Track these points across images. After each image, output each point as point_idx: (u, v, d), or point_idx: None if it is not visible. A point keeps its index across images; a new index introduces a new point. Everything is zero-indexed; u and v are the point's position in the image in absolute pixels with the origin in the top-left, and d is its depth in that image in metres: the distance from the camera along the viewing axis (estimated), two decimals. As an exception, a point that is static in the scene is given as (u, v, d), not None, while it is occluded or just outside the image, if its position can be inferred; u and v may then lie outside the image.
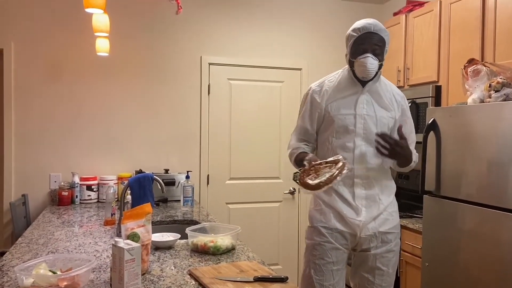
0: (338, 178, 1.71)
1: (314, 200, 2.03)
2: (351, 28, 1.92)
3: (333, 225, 1.91)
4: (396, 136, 1.86)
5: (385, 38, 1.89)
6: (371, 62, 1.85)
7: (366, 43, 1.86)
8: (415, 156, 1.99)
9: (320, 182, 1.72)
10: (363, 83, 1.94)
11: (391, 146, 1.81)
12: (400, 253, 2.84)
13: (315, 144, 2.07)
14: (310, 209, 2.04)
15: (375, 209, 1.91)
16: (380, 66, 1.91)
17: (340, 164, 1.74)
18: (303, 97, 2.09)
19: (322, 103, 1.97)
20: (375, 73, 1.89)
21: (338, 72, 2.03)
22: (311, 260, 1.93)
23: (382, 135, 1.82)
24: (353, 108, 1.92)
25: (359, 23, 1.90)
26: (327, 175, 1.73)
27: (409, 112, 2.05)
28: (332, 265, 1.90)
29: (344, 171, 1.72)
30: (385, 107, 1.95)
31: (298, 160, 1.99)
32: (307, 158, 1.86)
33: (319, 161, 1.81)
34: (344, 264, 1.96)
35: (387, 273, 1.94)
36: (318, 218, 1.95)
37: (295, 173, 1.91)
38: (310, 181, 1.75)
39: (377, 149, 1.83)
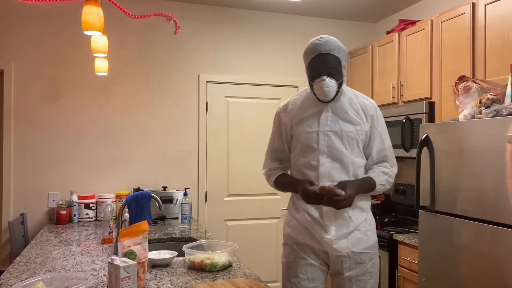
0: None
1: (287, 216, 2.02)
2: (304, 50, 1.89)
3: (305, 241, 1.89)
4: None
5: (338, 56, 1.84)
6: (327, 85, 1.81)
7: (319, 67, 1.82)
8: (384, 179, 1.90)
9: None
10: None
11: (330, 203, 1.77)
12: (396, 271, 2.85)
13: (288, 163, 2.04)
14: (284, 226, 2.03)
15: (345, 227, 1.86)
16: (340, 85, 1.86)
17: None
18: (274, 117, 2.09)
19: (288, 122, 1.97)
20: (335, 93, 1.86)
21: (303, 91, 2.02)
22: (287, 279, 1.90)
23: (322, 190, 1.77)
24: (316, 125, 1.89)
25: (309, 45, 1.86)
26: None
27: (380, 121, 1.95)
28: (308, 282, 1.86)
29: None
30: (351, 122, 1.89)
31: (285, 183, 1.99)
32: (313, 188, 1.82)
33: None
34: (323, 283, 1.90)
35: None
36: (291, 234, 1.93)
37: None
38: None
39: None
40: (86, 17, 2.01)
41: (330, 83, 1.81)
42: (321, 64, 1.83)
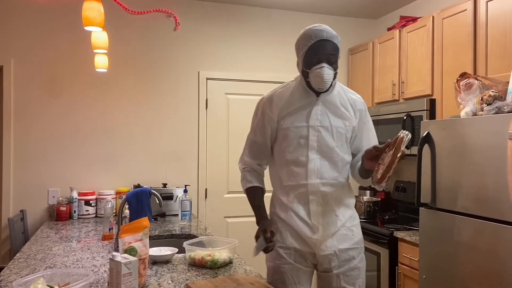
0: (398, 155, 1.59)
1: (271, 217, 1.93)
2: (300, 36, 1.80)
3: (290, 244, 1.82)
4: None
5: (337, 45, 1.78)
6: (327, 72, 1.73)
7: (320, 53, 1.74)
8: None
9: (383, 172, 1.64)
10: (318, 93, 1.81)
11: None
12: (396, 268, 2.85)
13: (267, 161, 1.95)
14: None
15: (332, 226, 1.80)
16: (335, 75, 1.79)
17: (398, 139, 1.61)
18: (255, 108, 1.96)
19: (274, 115, 1.85)
20: (331, 83, 1.78)
21: (289, 83, 1.92)
22: (272, 283, 1.81)
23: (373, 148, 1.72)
24: (306, 120, 1.81)
25: (309, 31, 1.77)
26: (388, 161, 1.62)
27: (368, 116, 1.93)
28: (295, 286, 1.81)
29: (403, 145, 1.59)
30: (341, 117, 1.83)
31: (251, 203, 1.92)
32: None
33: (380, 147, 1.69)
34: (309, 284, 1.86)
35: None
36: (276, 237, 1.79)
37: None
38: (377, 175, 1.67)
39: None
40: (86, 12, 2.00)
41: (329, 70, 1.74)
42: (322, 50, 1.74)
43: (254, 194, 1.92)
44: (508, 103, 2.07)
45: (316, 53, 1.75)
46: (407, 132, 1.65)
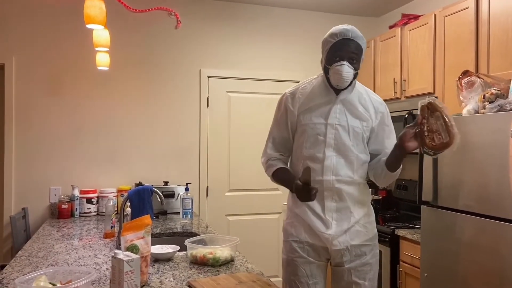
0: (449, 116, 1.62)
1: (287, 213, 1.99)
2: (328, 34, 1.84)
3: (304, 238, 1.87)
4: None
5: (362, 46, 1.81)
6: (346, 70, 1.76)
7: (342, 50, 1.78)
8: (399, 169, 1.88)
9: (448, 133, 1.62)
10: (337, 91, 1.85)
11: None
12: (398, 266, 2.85)
13: (289, 154, 1.99)
14: (283, 222, 2.01)
15: (346, 222, 1.84)
16: (355, 75, 1.82)
17: (430, 105, 1.62)
18: (278, 103, 2.01)
19: (295, 111, 1.90)
20: (350, 81, 1.81)
21: (312, 79, 1.96)
22: (286, 276, 1.90)
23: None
24: (324, 117, 1.85)
25: (336, 29, 1.81)
26: (441, 124, 1.62)
27: (389, 119, 1.95)
28: (307, 279, 1.85)
29: (440, 105, 1.61)
30: (359, 117, 1.87)
31: (282, 179, 1.94)
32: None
33: (413, 124, 1.68)
34: (323, 277, 1.90)
35: (364, 286, 1.87)
36: (290, 231, 1.91)
37: (425, 152, 1.71)
38: (442, 141, 1.64)
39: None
40: (88, 10, 2.00)
41: (349, 68, 1.77)
42: (345, 48, 1.78)
43: (282, 173, 1.96)
44: (510, 101, 2.07)
45: (338, 50, 1.79)
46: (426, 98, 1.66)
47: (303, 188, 1.74)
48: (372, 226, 1.93)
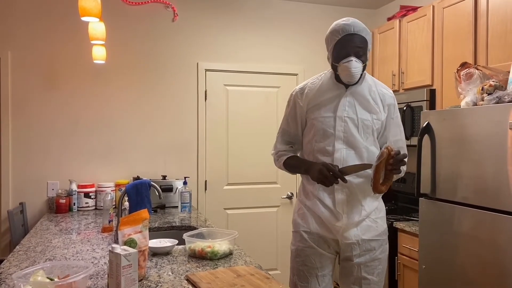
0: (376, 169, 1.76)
1: (297, 204, 2.01)
2: (330, 31, 1.84)
3: (314, 229, 1.89)
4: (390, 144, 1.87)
5: (366, 38, 1.82)
6: (355, 66, 1.77)
7: (348, 46, 1.78)
8: (404, 166, 1.89)
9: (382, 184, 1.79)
10: (346, 85, 1.87)
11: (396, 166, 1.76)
12: (396, 258, 2.86)
13: (300, 146, 2.03)
14: (293, 213, 2.02)
15: (356, 215, 1.85)
16: (364, 67, 1.84)
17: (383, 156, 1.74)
18: (288, 99, 2.04)
19: (304, 106, 1.92)
20: (360, 75, 1.83)
21: (321, 75, 1.97)
22: (295, 266, 1.91)
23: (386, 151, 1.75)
24: (333, 111, 1.86)
25: (337, 26, 1.82)
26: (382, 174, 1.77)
27: (396, 111, 1.96)
28: (317, 270, 1.87)
29: (378, 160, 1.74)
30: (368, 110, 1.87)
31: (296, 164, 1.97)
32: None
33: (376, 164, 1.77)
34: (331, 270, 1.92)
35: (372, 281, 1.88)
36: (300, 222, 1.93)
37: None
38: (383, 187, 1.81)
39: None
40: (83, 3, 1.98)
41: (357, 63, 1.78)
42: (350, 44, 1.78)
43: (296, 159, 2.00)
44: (509, 93, 2.06)
45: (344, 47, 1.80)
46: (387, 145, 1.78)
47: (333, 172, 1.75)
48: (382, 221, 1.94)
